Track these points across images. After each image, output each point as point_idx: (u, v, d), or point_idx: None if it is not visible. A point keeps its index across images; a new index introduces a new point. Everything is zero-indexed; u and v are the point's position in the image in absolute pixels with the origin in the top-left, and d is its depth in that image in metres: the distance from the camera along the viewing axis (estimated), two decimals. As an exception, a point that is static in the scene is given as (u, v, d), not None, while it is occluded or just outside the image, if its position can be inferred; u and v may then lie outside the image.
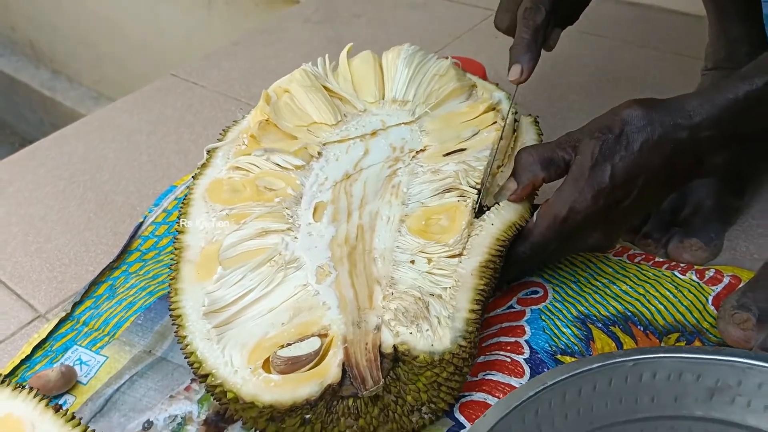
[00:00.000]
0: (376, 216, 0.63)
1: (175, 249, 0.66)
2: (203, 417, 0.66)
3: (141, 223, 0.85)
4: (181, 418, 0.66)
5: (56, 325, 0.76)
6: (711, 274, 0.69)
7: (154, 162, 1.00)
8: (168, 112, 1.11)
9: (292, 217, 0.64)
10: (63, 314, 0.76)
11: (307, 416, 0.53)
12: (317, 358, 0.54)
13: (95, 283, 0.79)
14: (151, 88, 1.18)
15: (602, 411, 0.47)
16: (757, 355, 0.45)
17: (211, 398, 0.67)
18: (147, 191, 0.93)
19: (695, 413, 0.47)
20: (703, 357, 0.45)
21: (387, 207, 0.63)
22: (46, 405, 0.51)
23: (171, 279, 0.63)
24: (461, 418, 0.58)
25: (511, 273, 0.65)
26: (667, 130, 0.59)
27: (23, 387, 0.52)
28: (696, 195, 0.76)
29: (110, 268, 0.81)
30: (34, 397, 0.51)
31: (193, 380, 0.69)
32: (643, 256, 0.73)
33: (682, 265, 0.71)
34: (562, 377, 0.45)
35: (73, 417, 0.50)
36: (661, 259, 0.72)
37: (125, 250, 0.82)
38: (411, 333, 0.54)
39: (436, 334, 0.54)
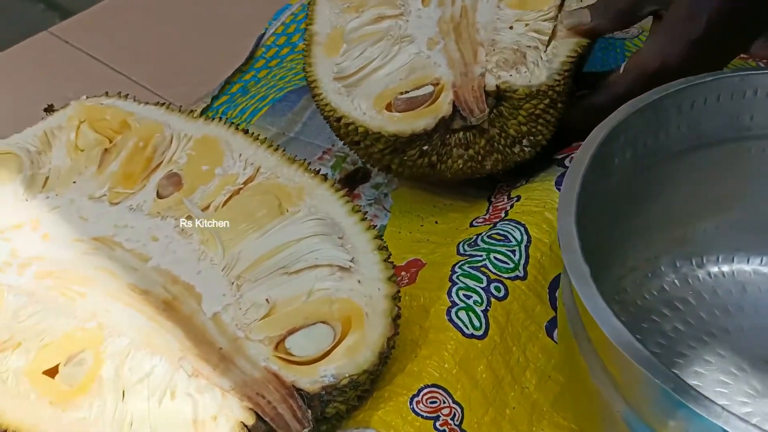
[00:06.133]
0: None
1: (305, 37, 0.75)
2: (336, 179, 0.77)
3: (263, 35, 0.95)
4: (318, 179, 0.78)
5: (199, 114, 0.87)
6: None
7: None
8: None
9: (403, 5, 0.74)
10: (204, 105, 0.88)
11: (425, 148, 0.65)
12: (431, 99, 0.65)
13: (228, 82, 0.90)
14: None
15: (709, 126, 0.55)
16: None
17: (343, 164, 0.80)
18: (262, 14, 1.02)
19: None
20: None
21: None
22: (236, 128, 0.62)
23: (304, 56, 0.73)
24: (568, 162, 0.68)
25: (583, 122, 0.61)
26: None
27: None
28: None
29: (240, 71, 0.91)
30: (224, 123, 0.62)
31: (324, 152, 0.80)
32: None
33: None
34: (680, 87, 0.53)
35: (258, 137, 0.61)
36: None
37: (252, 56, 0.93)
38: (511, 75, 0.64)
39: (533, 74, 0.64)
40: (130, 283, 0.53)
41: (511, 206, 0.65)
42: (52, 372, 0.50)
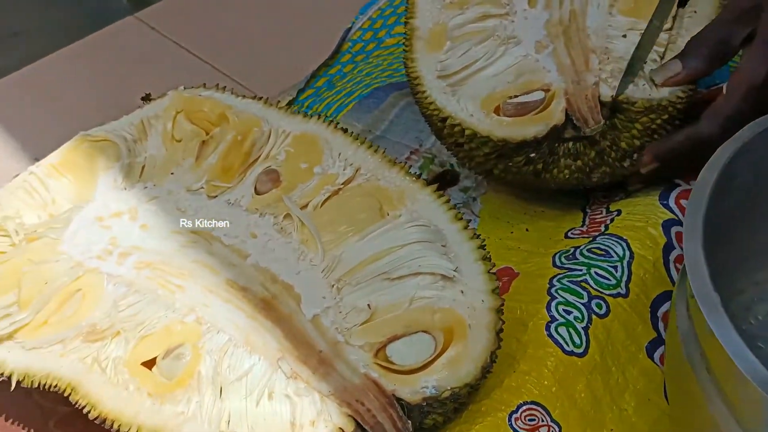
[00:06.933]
0: (587, 2, 0.70)
1: (406, 31, 0.74)
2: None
3: (349, 28, 0.94)
4: (405, 180, 0.76)
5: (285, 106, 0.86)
6: None
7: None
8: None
9: (508, 5, 0.72)
10: (289, 98, 0.87)
11: (532, 155, 0.63)
12: (542, 105, 0.63)
13: (314, 75, 0.90)
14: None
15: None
16: None
17: (430, 165, 0.78)
18: (349, 7, 1.01)
19: None
20: None
21: None
22: (335, 126, 0.61)
23: (405, 51, 0.72)
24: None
25: (692, 155, 0.60)
26: None
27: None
28: None
29: (326, 64, 0.91)
30: (323, 121, 0.62)
31: (412, 152, 0.79)
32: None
33: None
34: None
35: (358, 137, 0.60)
36: None
37: (338, 50, 0.92)
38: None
39: (653, 87, 0.62)
40: (228, 279, 0.53)
41: (611, 220, 0.63)
42: (149, 364, 0.51)
